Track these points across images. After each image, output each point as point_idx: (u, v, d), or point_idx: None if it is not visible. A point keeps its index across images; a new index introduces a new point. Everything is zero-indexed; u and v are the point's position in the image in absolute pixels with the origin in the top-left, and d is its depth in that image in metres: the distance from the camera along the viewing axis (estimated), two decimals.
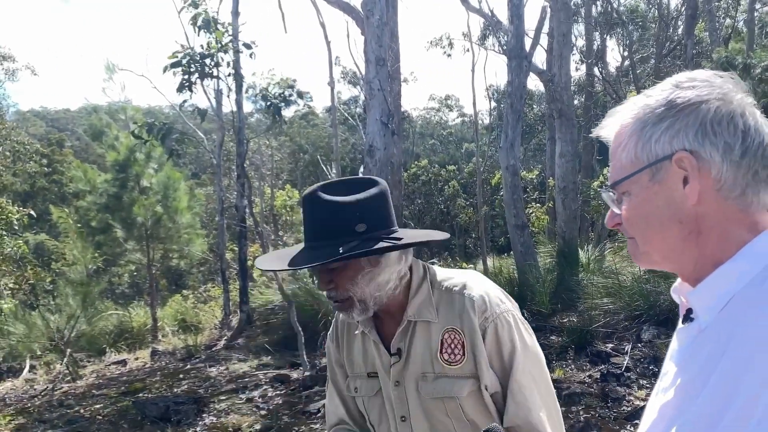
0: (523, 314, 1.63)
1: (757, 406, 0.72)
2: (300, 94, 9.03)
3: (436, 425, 1.54)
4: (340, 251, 1.44)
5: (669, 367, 0.94)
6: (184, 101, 8.62)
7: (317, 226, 1.50)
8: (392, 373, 1.58)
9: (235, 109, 9.92)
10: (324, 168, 19.50)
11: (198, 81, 8.37)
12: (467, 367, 1.51)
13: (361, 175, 1.63)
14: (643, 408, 1.01)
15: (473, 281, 1.58)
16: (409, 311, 1.57)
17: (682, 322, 0.94)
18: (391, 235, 1.51)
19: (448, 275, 1.62)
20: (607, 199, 0.98)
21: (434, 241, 1.64)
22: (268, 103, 7.55)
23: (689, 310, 0.92)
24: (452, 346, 1.52)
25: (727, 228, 0.86)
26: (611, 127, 0.95)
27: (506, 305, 1.56)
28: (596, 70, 16.54)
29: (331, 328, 1.79)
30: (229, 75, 8.95)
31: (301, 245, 1.58)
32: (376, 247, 1.45)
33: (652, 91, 0.93)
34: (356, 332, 1.68)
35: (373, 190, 1.52)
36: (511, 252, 9.13)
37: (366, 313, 1.54)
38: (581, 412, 4.81)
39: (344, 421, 1.76)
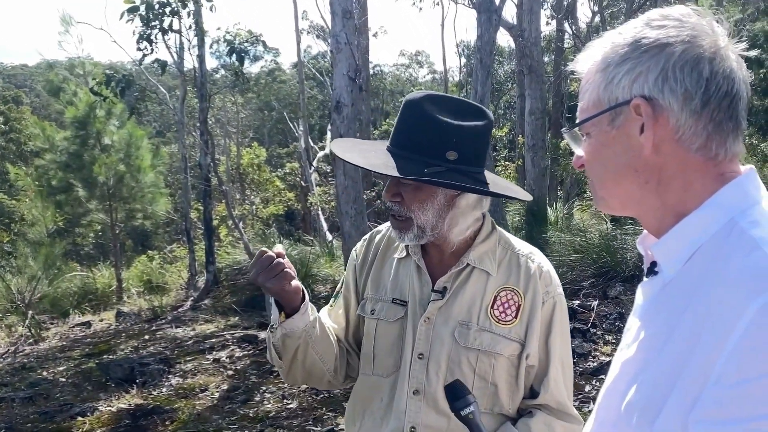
0: None
1: (715, 365, 0.68)
2: (266, 47, 8.77)
3: (455, 373, 1.47)
4: (425, 172, 1.39)
5: (633, 323, 0.90)
6: (144, 55, 8.31)
7: (409, 136, 1.45)
8: (429, 308, 1.51)
9: (197, 64, 9.62)
10: (291, 125, 19.25)
11: (159, 35, 8.06)
12: (516, 330, 1.49)
13: (472, 102, 1.55)
14: (608, 363, 0.97)
15: (541, 255, 1.58)
16: (472, 255, 1.52)
17: (646, 276, 0.90)
18: (478, 176, 1.47)
19: (515, 240, 1.61)
20: (570, 139, 0.93)
21: (515, 199, 1.59)
22: (229, 48, 7.29)
23: (653, 263, 0.88)
24: (506, 305, 1.50)
25: (690, 178, 0.81)
26: (584, 62, 0.90)
27: (561, 290, 1.56)
28: (567, 26, 16.46)
29: (362, 245, 1.70)
30: (190, 28, 8.59)
31: (384, 143, 1.52)
32: (460, 183, 1.40)
33: (624, 27, 0.87)
34: (396, 255, 1.61)
35: (478, 122, 1.46)
36: None
37: (419, 240, 1.49)
38: None
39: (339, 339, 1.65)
